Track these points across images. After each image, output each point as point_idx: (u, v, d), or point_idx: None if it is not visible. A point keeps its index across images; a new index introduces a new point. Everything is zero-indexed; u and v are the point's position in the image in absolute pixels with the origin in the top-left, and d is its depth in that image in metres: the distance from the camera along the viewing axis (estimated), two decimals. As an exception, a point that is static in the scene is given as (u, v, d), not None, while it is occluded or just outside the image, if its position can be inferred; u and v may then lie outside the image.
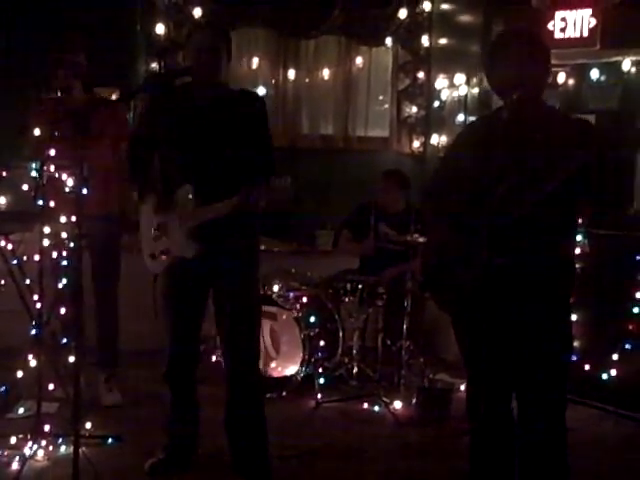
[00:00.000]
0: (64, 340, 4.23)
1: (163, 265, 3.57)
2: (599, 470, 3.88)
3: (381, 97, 6.86)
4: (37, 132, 4.63)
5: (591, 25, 5.50)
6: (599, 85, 5.62)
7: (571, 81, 5.74)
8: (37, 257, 3.82)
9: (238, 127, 3.39)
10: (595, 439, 4.30)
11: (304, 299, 5.12)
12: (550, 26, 5.70)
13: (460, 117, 6.27)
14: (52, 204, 3.96)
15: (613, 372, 4.65)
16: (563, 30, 5.65)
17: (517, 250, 2.74)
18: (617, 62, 5.49)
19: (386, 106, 6.83)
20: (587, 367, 4.74)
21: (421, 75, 6.64)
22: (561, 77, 5.70)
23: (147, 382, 4.71)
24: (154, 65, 6.13)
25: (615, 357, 4.64)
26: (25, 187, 4.42)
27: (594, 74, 5.59)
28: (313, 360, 4.90)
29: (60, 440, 3.76)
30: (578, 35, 5.57)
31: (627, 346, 4.59)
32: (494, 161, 2.79)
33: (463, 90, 6.24)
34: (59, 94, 4.62)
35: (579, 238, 4.78)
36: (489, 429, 2.99)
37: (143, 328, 4.75)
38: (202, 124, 3.40)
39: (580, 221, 4.57)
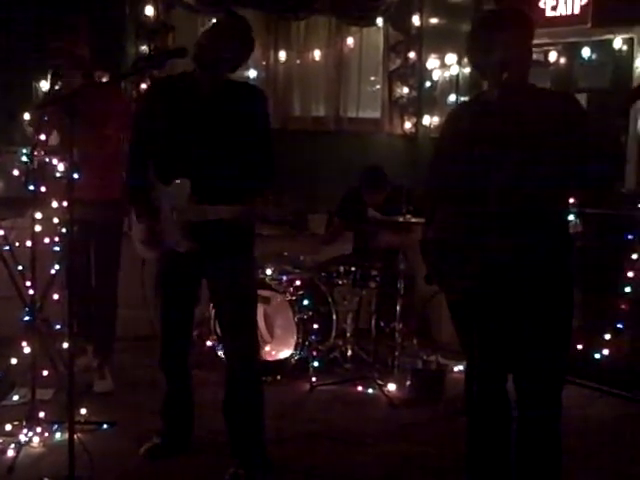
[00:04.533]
0: (58, 326, 4.23)
1: (152, 252, 3.57)
2: (591, 449, 3.90)
3: (372, 78, 6.84)
4: (27, 117, 4.61)
5: (582, 2, 5.49)
6: (590, 64, 5.61)
7: (562, 60, 5.74)
8: (29, 243, 3.80)
9: (239, 125, 3.34)
10: (587, 418, 4.32)
11: (297, 282, 5.11)
12: (541, 4, 5.68)
13: (452, 97, 6.25)
14: (43, 189, 3.94)
15: (605, 352, 4.67)
16: (554, 8, 5.64)
17: (520, 232, 2.74)
18: (608, 40, 5.48)
19: (377, 87, 6.81)
20: (579, 347, 4.76)
21: (412, 55, 6.62)
22: (552, 56, 5.70)
23: (141, 368, 4.72)
24: (144, 47, 6.07)
25: (607, 337, 4.66)
26: (16, 173, 4.41)
27: (585, 52, 5.58)
28: (307, 343, 4.91)
29: (55, 426, 3.77)
30: (569, 13, 5.55)
31: (619, 325, 4.61)
32: (487, 144, 2.79)
33: (455, 70, 6.23)
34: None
35: (571, 218, 4.79)
36: (486, 410, 3.01)
37: (136, 314, 4.76)
38: (201, 118, 3.34)
39: (572, 200, 4.60)
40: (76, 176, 3.21)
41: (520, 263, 2.76)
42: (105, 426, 3.94)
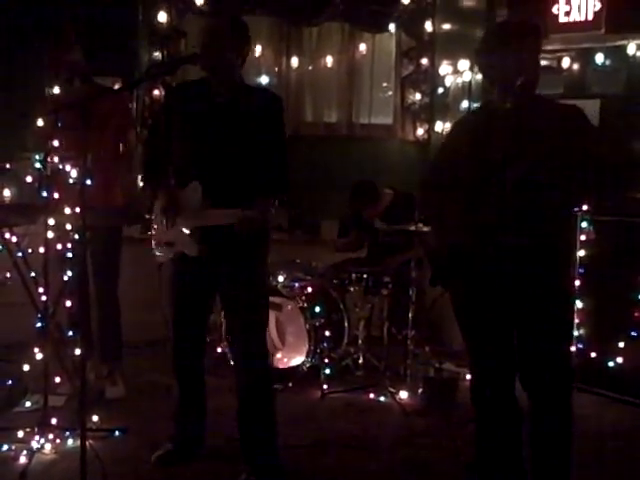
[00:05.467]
0: (70, 333, 4.24)
1: (167, 256, 3.58)
2: (604, 457, 3.88)
3: (385, 84, 6.83)
4: (40, 123, 4.62)
5: (596, 8, 5.48)
6: (604, 69, 5.58)
7: (576, 65, 5.71)
8: (42, 249, 3.80)
9: (253, 130, 3.35)
10: (600, 426, 4.30)
11: (309, 289, 5.11)
12: (555, 10, 5.67)
13: (464, 103, 6.23)
14: (56, 196, 3.94)
15: (619, 359, 4.65)
16: (568, 14, 5.63)
17: (523, 232, 2.79)
18: (622, 46, 5.46)
19: (390, 93, 6.79)
20: (593, 354, 4.74)
21: (425, 61, 6.60)
22: (566, 62, 5.67)
23: (153, 373, 4.73)
24: (157, 54, 6.10)
25: (621, 345, 4.63)
26: (29, 179, 4.42)
27: (599, 58, 5.55)
28: (319, 350, 4.90)
29: (67, 433, 3.77)
30: (583, 19, 5.54)
31: (633, 333, 4.58)
32: (499, 148, 2.82)
33: (467, 76, 6.20)
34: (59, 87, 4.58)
35: (584, 225, 4.77)
36: (493, 415, 3.01)
37: (147, 318, 4.76)
38: (217, 123, 3.36)
39: (586, 207, 4.58)
40: (88, 182, 3.21)
41: (521, 264, 2.80)
42: (117, 433, 3.94)
